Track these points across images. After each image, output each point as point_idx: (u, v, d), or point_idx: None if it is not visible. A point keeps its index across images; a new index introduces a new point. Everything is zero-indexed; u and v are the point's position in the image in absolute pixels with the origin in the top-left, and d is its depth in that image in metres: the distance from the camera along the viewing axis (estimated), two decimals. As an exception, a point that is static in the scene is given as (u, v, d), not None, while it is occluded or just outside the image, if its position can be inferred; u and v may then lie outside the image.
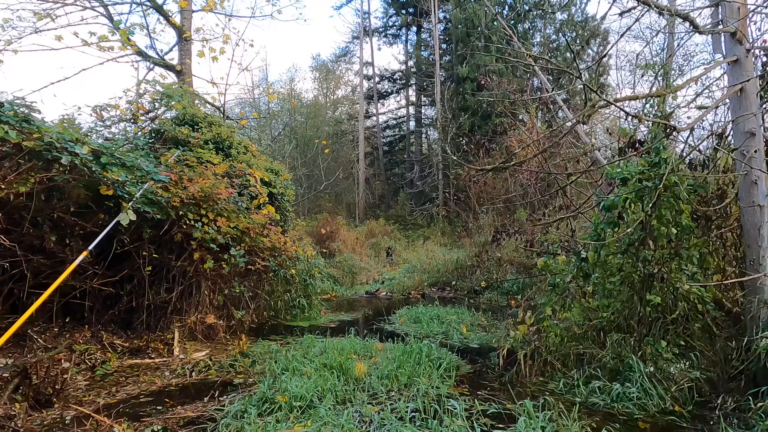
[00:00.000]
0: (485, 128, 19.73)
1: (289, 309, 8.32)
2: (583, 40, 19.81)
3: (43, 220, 5.01)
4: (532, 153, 7.58)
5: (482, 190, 15.46)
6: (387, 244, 17.72)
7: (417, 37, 29.97)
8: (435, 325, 7.28)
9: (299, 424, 3.37)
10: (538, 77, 11.17)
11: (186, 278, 6.17)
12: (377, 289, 12.31)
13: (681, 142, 5.41)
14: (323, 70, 33.81)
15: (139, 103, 8.77)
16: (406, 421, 3.43)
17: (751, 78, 4.32)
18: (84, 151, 4.71)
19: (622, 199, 4.37)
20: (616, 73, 19.60)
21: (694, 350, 4.18)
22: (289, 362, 4.92)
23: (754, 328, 3.99)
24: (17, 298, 5.05)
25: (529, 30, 22.33)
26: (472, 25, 21.88)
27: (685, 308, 4.28)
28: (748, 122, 4.28)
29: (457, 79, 22.64)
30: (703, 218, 4.70)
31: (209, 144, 8.24)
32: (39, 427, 3.51)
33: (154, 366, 5.21)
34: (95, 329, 5.61)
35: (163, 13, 11.88)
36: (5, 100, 4.57)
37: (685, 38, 7.18)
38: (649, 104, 5.54)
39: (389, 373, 4.52)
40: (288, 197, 9.90)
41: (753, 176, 4.21)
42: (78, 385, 4.51)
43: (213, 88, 25.79)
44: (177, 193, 5.80)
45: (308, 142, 26.87)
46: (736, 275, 4.51)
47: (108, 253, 5.51)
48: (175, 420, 3.68)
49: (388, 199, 27.91)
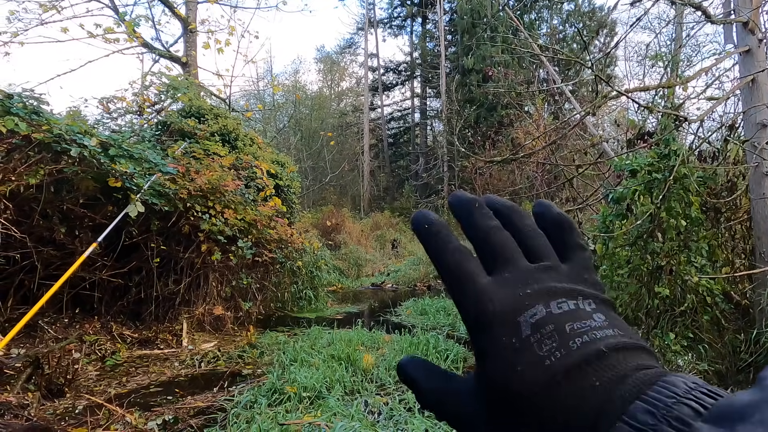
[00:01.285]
0: (491, 120, 19.62)
1: (295, 300, 8.36)
2: (592, 31, 19.61)
3: (52, 211, 5.04)
4: (540, 145, 7.54)
5: (488, 182, 15.39)
6: (392, 236, 17.72)
7: (422, 28, 29.75)
8: (441, 316, 7.29)
9: (309, 414, 3.40)
10: (545, 68, 11.09)
11: (194, 270, 6.21)
12: (383, 281, 12.34)
13: (691, 134, 5.36)
14: (328, 62, 33.66)
15: (145, 95, 8.78)
16: (414, 412, 3.45)
17: (764, 69, 4.26)
18: (92, 143, 4.72)
19: (631, 191, 4.35)
20: (625, 64, 19.42)
21: (702, 343, 4.17)
22: (297, 353, 4.95)
23: (763, 321, 3.97)
24: (28, 289, 5.10)
25: (535, 21, 22.15)
26: (477, 15, 21.71)
27: (694, 301, 4.26)
28: (760, 113, 4.23)
29: (463, 71, 22.49)
30: (712, 210, 4.67)
31: (215, 136, 8.25)
32: (51, 416, 3.56)
33: (163, 357, 5.26)
34: (105, 320, 5.66)
35: (168, 5, 11.85)
36: (14, 92, 4.58)
37: (695, 29, 7.09)
38: (658, 95, 5.49)
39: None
40: (294, 189, 9.90)
41: (764, 168, 4.17)
42: (89, 375, 4.56)
43: (218, 80, 25.77)
44: (184, 185, 5.82)
45: (313, 135, 26.83)
46: (746, 268, 4.48)
47: (117, 244, 5.54)
48: (185, 410, 3.72)
49: (393, 191, 27.87)
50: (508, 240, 0.31)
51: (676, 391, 0.22)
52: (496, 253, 0.31)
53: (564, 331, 0.26)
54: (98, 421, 3.44)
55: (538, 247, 0.32)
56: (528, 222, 0.33)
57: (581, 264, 0.32)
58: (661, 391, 0.23)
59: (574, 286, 0.29)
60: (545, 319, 0.27)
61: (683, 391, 0.22)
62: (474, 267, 0.30)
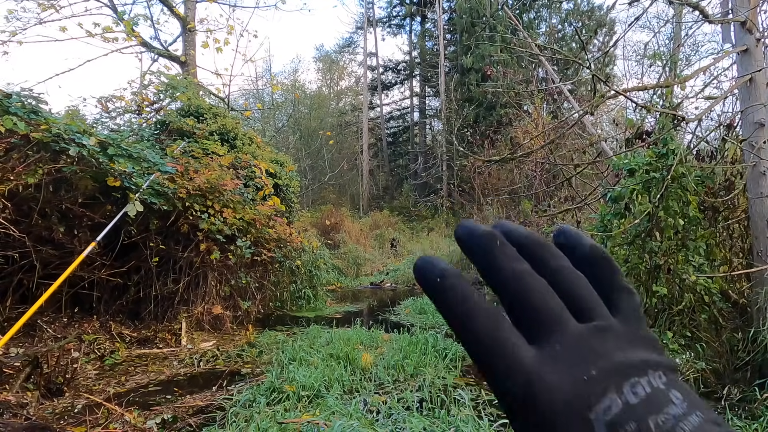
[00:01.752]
0: (490, 119, 19.63)
1: (294, 300, 8.37)
2: (590, 30, 19.61)
3: (51, 211, 5.04)
4: (538, 144, 7.55)
5: (487, 181, 15.40)
6: (391, 236, 17.74)
7: (421, 27, 29.74)
8: (440, 316, 7.29)
9: (308, 413, 3.41)
10: (543, 68, 11.10)
11: (193, 269, 6.21)
12: (382, 280, 12.35)
13: (689, 133, 5.38)
14: (327, 61, 33.67)
15: (144, 95, 8.78)
16: (413, 411, 3.46)
17: (762, 68, 4.27)
18: (91, 143, 4.72)
19: (629, 190, 4.36)
20: (623, 63, 19.45)
21: (700, 341, 4.18)
22: (296, 352, 4.96)
23: (761, 320, 3.98)
24: (27, 288, 5.10)
25: (534, 20, 22.14)
26: (476, 14, 21.70)
27: (692, 299, 4.27)
28: (758, 113, 4.24)
29: (462, 70, 22.49)
30: (710, 209, 4.68)
31: (214, 135, 8.25)
32: (51, 415, 3.56)
33: (162, 356, 5.26)
34: (104, 319, 5.67)
35: (167, 4, 11.84)
36: (13, 92, 4.58)
37: (693, 28, 7.10)
38: (656, 95, 5.50)
39: (395, 363, 4.55)
40: (293, 188, 9.91)
41: (761, 167, 4.18)
42: (88, 374, 4.56)
43: (217, 79, 25.76)
44: (183, 185, 5.82)
45: (312, 134, 26.84)
46: (743, 266, 4.49)
47: (115, 244, 5.54)
48: (184, 409, 3.73)
49: (392, 191, 27.87)
50: (549, 293, 0.24)
51: None
52: (539, 314, 0.24)
53: (649, 430, 0.20)
54: (97, 420, 3.44)
55: (584, 299, 0.25)
56: (564, 263, 0.27)
57: (634, 315, 0.26)
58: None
59: (641, 356, 0.23)
60: (623, 414, 0.21)
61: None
62: (511, 334, 0.23)
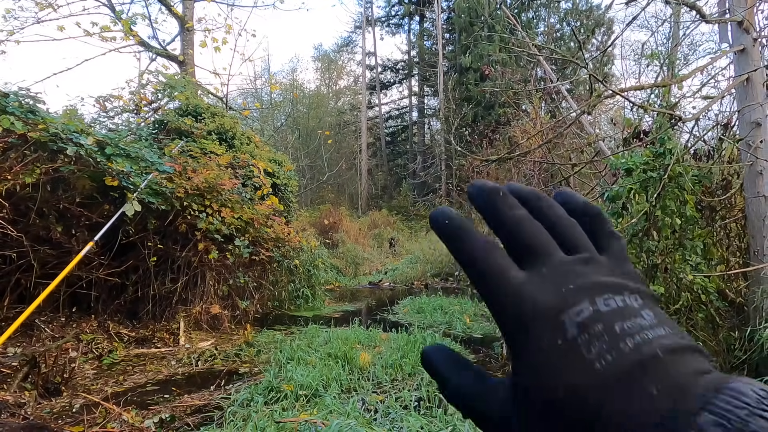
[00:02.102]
0: (488, 119, 19.63)
1: (293, 299, 8.37)
2: (588, 29, 19.63)
3: (49, 210, 5.04)
4: (536, 143, 7.56)
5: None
6: (390, 235, 17.74)
7: (420, 26, 29.75)
8: (438, 315, 7.31)
9: (305, 412, 3.41)
10: (541, 67, 11.11)
11: (191, 268, 6.21)
12: (380, 279, 12.36)
13: (686, 133, 5.38)
14: (325, 61, 33.65)
15: (142, 94, 8.77)
16: (410, 410, 3.47)
17: (758, 68, 4.28)
18: (89, 142, 4.72)
19: (627, 189, 4.36)
20: (621, 63, 19.42)
21: (697, 340, 4.18)
22: (294, 352, 4.96)
23: (758, 319, 4.00)
24: (24, 288, 5.10)
25: (533, 19, 22.17)
26: (475, 14, 21.70)
27: (689, 299, 4.28)
28: (754, 112, 4.26)
29: (460, 69, 22.49)
30: (707, 209, 4.69)
31: (212, 135, 8.24)
32: (48, 414, 3.56)
33: (160, 355, 5.26)
34: (101, 319, 5.66)
35: (165, 3, 11.83)
36: (10, 91, 4.58)
37: (690, 27, 7.12)
38: (654, 94, 5.51)
39: (393, 362, 4.56)
40: (291, 188, 9.91)
41: (758, 167, 4.19)
42: (86, 374, 4.56)
43: (215, 79, 25.73)
44: (181, 184, 5.82)
45: (311, 133, 26.82)
46: (740, 266, 4.50)
47: (113, 243, 5.54)
48: (182, 408, 3.73)
49: (391, 190, 27.88)
50: (541, 231, 0.28)
51: (747, 401, 0.20)
52: (529, 246, 0.28)
53: (614, 331, 0.23)
54: (95, 420, 3.44)
55: (574, 238, 0.29)
56: (559, 211, 0.30)
57: (618, 254, 0.30)
58: (730, 401, 0.20)
59: (618, 280, 0.27)
60: (592, 317, 0.24)
61: (754, 400, 0.20)
62: (506, 261, 0.27)
